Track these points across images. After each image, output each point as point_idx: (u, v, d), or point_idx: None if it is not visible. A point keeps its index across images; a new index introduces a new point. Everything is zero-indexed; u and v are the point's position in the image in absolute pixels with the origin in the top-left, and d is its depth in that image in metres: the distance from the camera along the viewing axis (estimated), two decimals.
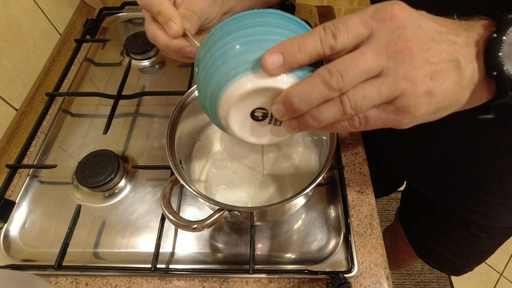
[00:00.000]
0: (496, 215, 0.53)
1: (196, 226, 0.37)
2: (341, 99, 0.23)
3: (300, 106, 0.24)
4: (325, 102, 0.24)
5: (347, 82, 0.22)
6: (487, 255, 0.66)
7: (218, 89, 0.27)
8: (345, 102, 0.23)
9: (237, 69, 0.25)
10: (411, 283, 1.31)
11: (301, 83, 0.24)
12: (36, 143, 0.60)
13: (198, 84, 0.30)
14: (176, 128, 0.45)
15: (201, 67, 0.28)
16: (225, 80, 0.26)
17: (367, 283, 0.45)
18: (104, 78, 0.69)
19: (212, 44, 0.27)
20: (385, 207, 1.49)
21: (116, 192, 0.54)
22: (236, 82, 0.26)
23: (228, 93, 0.26)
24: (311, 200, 0.52)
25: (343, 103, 0.23)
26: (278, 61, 0.23)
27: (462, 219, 0.57)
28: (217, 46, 0.27)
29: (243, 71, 0.25)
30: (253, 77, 0.25)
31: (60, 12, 0.74)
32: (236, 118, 0.29)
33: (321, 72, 0.23)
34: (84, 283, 0.47)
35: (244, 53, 0.25)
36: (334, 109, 0.24)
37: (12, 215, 0.52)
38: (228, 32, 0.26)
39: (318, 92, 0.23)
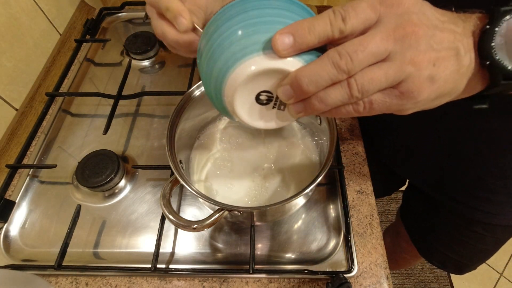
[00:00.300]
0: (499, 213, 0.53)
1: (196, 226, 0.37)
2: (349, 82, 0.24)
3: (308, 88, 0.24)
4: (332, 85, 0.24)
5: (356, 64, 0.23)
6: (490, 254, 0.66)
7: (224, 70, 0.26)
8: (353, 84, 0.23)
9: (245, 50, 0.25)
10: (411, 283, 1.31)
11: (310, 64, 0.24)
12: (36, 143, 0.60)
13: (201, 69, 0.29)
14: (176, 128, 0.45)
15: (206, 50, 0.28)
16: (232, 61, 0.26)
17: (367, 283, 0.45)
18: (104, 78, 0.69)
19: (218, 27, 0.27)
20: (385, 207, 1.49)
21: (116, 192, 0.54)
22: (244, 63, 0.25)
23: (235, 74, 0.26)
24: (311, 200, 0.52)
25: (350, 86, 0.24)
26: (288, 42, 0.24)
27: (465, 217, 0.57)
28: (223, 27, 0.26)
29: (250, 52, 0.25)
30: (261, 58, 0.25)
31: (60, 12, 0.74)
32: (241, 101, 0.28)
33: (331, 53, 0.23)
34: (84, 283, 0.47)
35: (252, 34, 0.25)
36: (341, 91, 0.24)
37: (12, 215, 0.52)
38: (235, 14, 0.26)
39: (327, 74, 0.23)
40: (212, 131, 0.54)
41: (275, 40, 0.24)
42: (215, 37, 0.27)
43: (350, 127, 0.60)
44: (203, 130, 0.54)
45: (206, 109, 0.52)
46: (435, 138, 0.52)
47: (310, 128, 0.53)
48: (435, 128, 0.50)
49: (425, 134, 0.52)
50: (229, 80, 0.27)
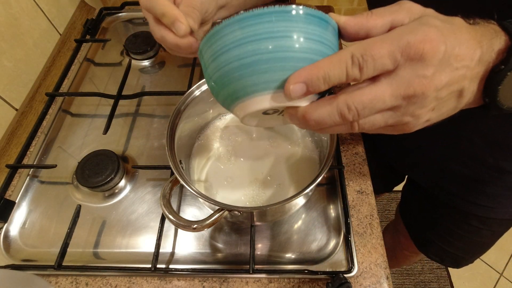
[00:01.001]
0: (496, 206, 0.54)
1: (196, 226, 0.37)
2: (352, 125, 0.25)
3: (314, 127, 0.26)
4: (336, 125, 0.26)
5: (362, 117, 0.24)
6: (487, 247, 0.66)
7: (233, 98, 0.27)
8: (355, 127, 0.25)
9: (257, 87, 0.25)
10: (411, 283, 1.31)
11: (318, 109, 0.25)
12: (36, 143, 0.60)
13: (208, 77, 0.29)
14: (176, 128, 0.45)
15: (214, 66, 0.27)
16: (242, 93, 0.26)
17: (367, 283, 0.45)
18: (104, 78, 0.69)
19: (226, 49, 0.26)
20: (385, 207, 1.49)
21: (116, 192, 0.54)
22: (255, 98, 0.26)
23: (245, 104, 0.27)
24: (311, 200, 0.52)
25: (352, 127, 0.26)
26: (301, 90, 0.24)
27: (462, 211, 0.58)
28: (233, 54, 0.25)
29: (263, 90, 0.25)
30: (272, 97, 0.26)
31: (60, 12, 0.74)
32: (250, 118, 0.30)
33: (341, 105, 0.24)
34: (84, 283, 0.47)
35: (264, 72, 0.25)
36: (343, 128, 0.26)
37: (12, 215, 0.52)
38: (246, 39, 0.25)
39: (333, 121, 0.25)
40: (212, 131, 0.54)
41: (288, 89, 0.24)
42: (224, 60, 0.26)
43: None
44: (203, 130, 0.54)
45: (206, 109, 0.52)
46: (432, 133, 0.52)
47: None
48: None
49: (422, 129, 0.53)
50: (239, 106, 0.27)
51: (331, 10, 0.80)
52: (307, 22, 0.25)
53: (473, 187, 0.54)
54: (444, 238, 0.66)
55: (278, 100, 0.25)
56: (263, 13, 0.24)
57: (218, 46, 0.26)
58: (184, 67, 0.70)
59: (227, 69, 0.26)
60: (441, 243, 0.68)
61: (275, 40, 0.24)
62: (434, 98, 0.24)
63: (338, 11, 2.16)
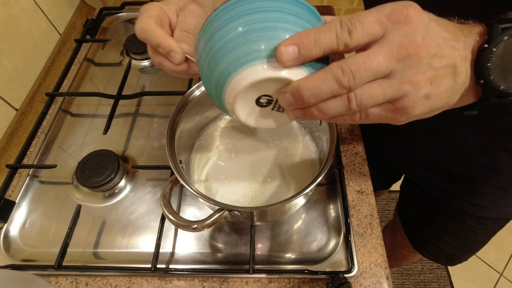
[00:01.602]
0: (490, 206, 0.55)
1: (196, 226, 0.37)
2: (348, 97, 0.24)
3: (309, 99, 0.25)
4: (332, 97, 0.25)
5: (357, 81, 0.23)
6: (481, 245, 0.67)
7: (226, 74, 0.26)
8: (352, 99, 0.24)
9: (248, 56, 0.25)
10: (411, 283, 1.31)
11: (312, 77, 0.24)
12: (36, 143, 0.60)
13: (201, 68, 0.29)
14: (176, 128, 0.45)
15: (206, 50, 0.27)
16: (234, 66, 0.26)
17: (367, 283, 0.45)
18: (104, 78, 0.69)
19: (219, 26, 0.26)
20: (385, 207, 1.49)
21: (116, 192, 0.54)
22: (246, 70, 0.25)
23: (237, 80, 0.26)
24: (311, 200, 0.52)
25: (349, 100, 0.24)
26: (293, 54, 0.24)
27: (457, 210, 0.59)
28: (226, 29, 0.26)
29: (253, 59, 0.25)
30: (264, 67, 0.25)
31: (60, 12, 0.74)
32: (242, 103, 0.29)
33: (334, 69, 0.23)
34: (84, 283, 0.47)
35: (255, 40, 0.25)
36: (340, 104, 0.25)
37: (12, 215, 0.52)
38: (238, 15, 0.25)
39: (329, 88, 0.24)
40: (212, 131, 0.54)
41: (280, 51, 0.24)
42: (216, 37, 0.26)
43: (350, 127, 0.60)
44: (203, 130, 0.54)
45: (206, 109, 0.52)
46: (428, 131, 0.53)
47: (310, 128, 0.53)
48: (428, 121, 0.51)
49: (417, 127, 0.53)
50: (231, 85, 0.27)
51: (331, 10, 0.80)
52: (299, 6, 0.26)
53: (467, 186, 0.54)
54: (439, 236, 0.67)
55: (271, 70, 0.25)
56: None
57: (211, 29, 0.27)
58: None
59: (219, 45, 0.26)
60: (436, 241, 0.68)
61: (266, 13, 0.25)
62: (429, 65, 0.24)
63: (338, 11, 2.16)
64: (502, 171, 0.49)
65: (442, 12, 0.26)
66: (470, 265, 1.34)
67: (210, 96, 0.30)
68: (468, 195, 0.55)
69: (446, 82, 0.25)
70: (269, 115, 0.31)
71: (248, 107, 0.29)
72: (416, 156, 0.60)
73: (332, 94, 0.24)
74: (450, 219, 0.62)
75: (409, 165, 0.64)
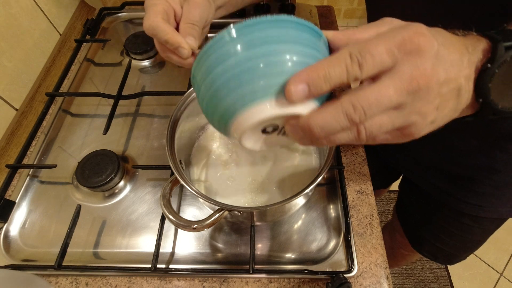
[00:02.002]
0: (486, 205, 0.55)
1: (196, 226, 0.37)
2: (359, 130, 0.24)
3: (319, 134, 0.24)
4: (342, 129, 0.24)
5: (368, 116, 0.23)
6: (478, 245, 0.68)
7: (231, 112, 0.25)
8: (362, 131, 0.24)
9: (255, 94, 0.24)
10: (411, 283, 1.31)
11: (323, 113, 0.24)
12: (36, 143, 0.60)
13: (201, 99, 0.27)
14: (176, 128, 0.45)
15: (207, 83, 0.26)
16: (240, 104, 0.24)
17: (367, 283, 0.45)
18: (104, 78, 0.69)
19: (220, 60, 0.24)
20: (385, 207, 1.49)
21: (116, 192, 0.54)
22: (254, 108, 0.24)
23: (244, 117, 0.25)
24: (311, 200, 0.52)
25: (359, 132, 0.24)
26: (303, 91, 0.23)
27: (454, 209, 0.59)
28: (228, 63, 0.24)
29: (261, 97, 0.24)
30: (272, 104, 0.24)
31: (60, 12, 0.74)
32: (248, 135, 0.28)
33: (345, 105, 0.23)
34: (84, 283, 0.47)
35: (261, 77, 0.23)
36: (350, 135, 0.25)
37: (12, 215, 0.52)
38: (240, 49, 0.24)
39: (340, 124, 0.23)
40: (212, 131, 0.54)
41: (290, 91, 0.23)
42: (218, 72, 0.25)
43: None
44: (203, 130, 0.54)
45: None
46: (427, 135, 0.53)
47: None
48: None
49: None
50: (237, 121, 0.25)
51: (331, 10, 0.80)
52: (299, 29, 0.25)
53: (464, 186, 0.55)
54: (437, 235, 0.67)
55: (279, 107, 0.24)
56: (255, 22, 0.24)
57: (211, 61, 0.25)
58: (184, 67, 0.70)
59: (222, 80, 0.24)
60: (434, 240, 0.69)
61: (271, 45, 0.24)
62: (438, 94, 0.23)
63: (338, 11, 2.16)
64: (497, 171, 0.50)
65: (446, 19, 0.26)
66: (470, 265, 1.34)
67: (212, 124, 0.29)
68: (464, 195, 0.56)
69: (450, 104, 0.25)
70: (273, 139, 0.30)
71: (254, 137, 0.29)
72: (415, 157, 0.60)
73: (342, 129, 0.24)
74: (448, 219, 0.63)
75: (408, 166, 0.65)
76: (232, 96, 0.24)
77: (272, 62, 0.23)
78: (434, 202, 0.64)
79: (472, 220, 0.59)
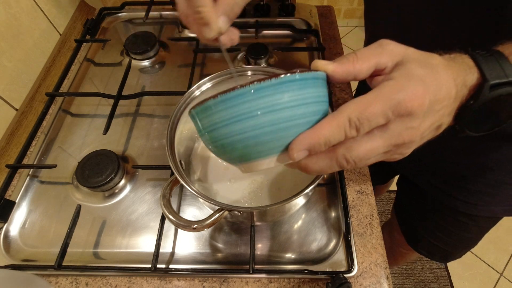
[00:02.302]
0: (479, 203, 0.56)
1: (196, 226, 0.37)
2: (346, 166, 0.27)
3: (313, 173, 0.28)
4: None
5: (358, 166, 0.27)
6: (474, 243, 0.68)
7: (236, 161, 0.29)
8: (348, 167, 0.27)
9: (260, 154, 0.27)
10: (411, 283, 1.31)
11: (319, 162, 0.27)
12: (36, 143, 0.60)
13: (206, 140, 0.30)
14: (176, 128, 0.45)
15: (213, 135, 0.28)
16: (246, 159, 0.28)
17: (367, 283, 0.45)
18: (104, 78, 0.69)
19: (228, 121, 0.27)
20: (385, 207, 1.49)
21: (116, 192, 0.54)
22: (258, 162, 0.28)
23: (249, 165, 0.29)
24: (311, 200, 0.52)
25: (345, 167, 0.27)
26: (304, 155, 0.27)
27: (450, 207, 0.60)
28: (235, 128, 0.26)
29: (265, 155, 0.28)
30: (275, 159, 0.28)
31: (60, 12, 0.74)
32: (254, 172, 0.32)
33: (340, 159, 0.26)
34: (84, 283, 0.47)
35: (267, 141, 0.27)
36: (337, 169, 0.28)
37: (12, 215, 0.52)
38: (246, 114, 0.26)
39: (332, 170, 0.27)
40: None
41: (293, 155, 0.26)
42: (224, 133, 0.27)
43: None
44: None
45: None
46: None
47: None
48: None
49: None
50: (242, 166, 0.30)
51: (331, 10, 0.80)
52: (302, 87, 0.26)
53: (459, 184, 0.55)
54: (434, 233, 0.68)
55: (281, 160, 0.28)
56: (260, 88, 0.25)
57: (217, 120, 0.27)
58: (184, 67, 0.70)
59: (229, 141, 0.27)
60: (430, 238, 0.69)
61: (275, 113, 0.26)
62: (420, 139, 0.27)
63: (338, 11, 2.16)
64: (491, 169, 0.50)
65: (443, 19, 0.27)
66: (470, 265, 1.34)
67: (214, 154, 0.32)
68: (459, 193, 0.57)
69: (429, 137, 0.28)
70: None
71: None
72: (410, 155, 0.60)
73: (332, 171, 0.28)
74: (444, 216, 0.63)
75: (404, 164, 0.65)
76: (238, 152, 0.28)
77: (277, 130, 0.26)
78: (430, 200, 0.64)
79: (467, 218, 0.59)
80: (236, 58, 0.70)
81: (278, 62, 0.70)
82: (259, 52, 0.67)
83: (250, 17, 0.76)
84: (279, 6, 0.77)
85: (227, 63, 0.37)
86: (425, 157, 0.58)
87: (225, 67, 0.48)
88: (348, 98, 0.64)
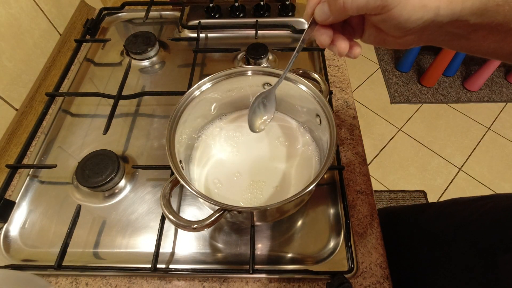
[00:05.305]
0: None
1: (196, 226, 0.37)
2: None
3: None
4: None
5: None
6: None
7: None
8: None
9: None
10: None
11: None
12: (36, 143, 0.60)
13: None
14: (176, 128, 0.45)
15: None
16: None
17: (367, 283, 0.45)
18: (104, 78, 0.69)
19: None
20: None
21: (116, 192, 0.54)
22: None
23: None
24: (311, 200, 0.52)
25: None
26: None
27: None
28: None
29: None
30: None
31: (60, 12, 0.74)
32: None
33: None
34: (84, 283, 0.47)
35: None
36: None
37: (12, 215, 0.52)
38: None
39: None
40: (212, 131, 0.54)
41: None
42: None
43: (350, 127, 0.60)
44: (203, 130, 0.54)
45: (206, 109, 0.52)
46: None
47: (310, 128, 0.53)
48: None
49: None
50: None
51: None
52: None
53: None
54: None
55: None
56: None
57: None
58: (184, 67, 0.70)
59: None
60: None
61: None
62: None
63: None
64: None
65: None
66: None
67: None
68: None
69: None
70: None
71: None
72: None
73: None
74: None
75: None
76: None
77: None
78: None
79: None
80: (236, 58, 0.70)
81: (278, 62, 0.70)
82: (259, 52, 0.67)
83: (250, 17, 0.76)
84: (279, 6, 0.77)
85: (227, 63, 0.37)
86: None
87: (225, 67, 0.48)
88: (348, 98, 0.64)
